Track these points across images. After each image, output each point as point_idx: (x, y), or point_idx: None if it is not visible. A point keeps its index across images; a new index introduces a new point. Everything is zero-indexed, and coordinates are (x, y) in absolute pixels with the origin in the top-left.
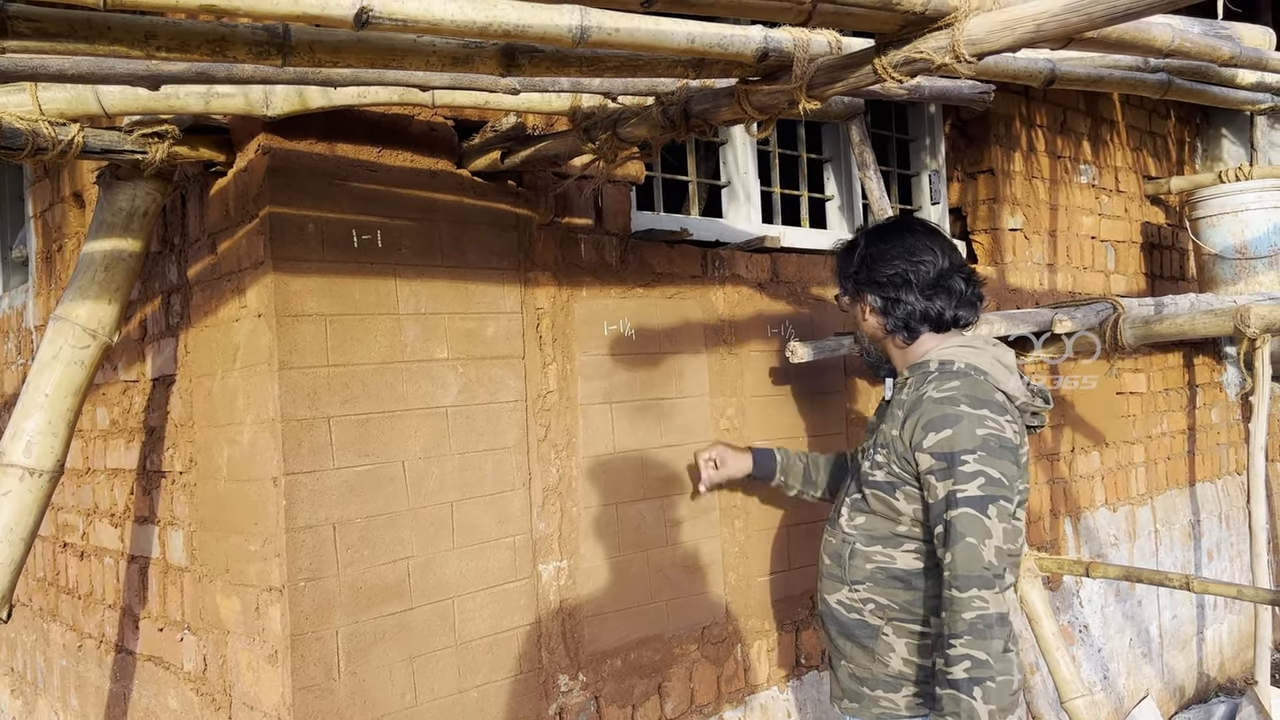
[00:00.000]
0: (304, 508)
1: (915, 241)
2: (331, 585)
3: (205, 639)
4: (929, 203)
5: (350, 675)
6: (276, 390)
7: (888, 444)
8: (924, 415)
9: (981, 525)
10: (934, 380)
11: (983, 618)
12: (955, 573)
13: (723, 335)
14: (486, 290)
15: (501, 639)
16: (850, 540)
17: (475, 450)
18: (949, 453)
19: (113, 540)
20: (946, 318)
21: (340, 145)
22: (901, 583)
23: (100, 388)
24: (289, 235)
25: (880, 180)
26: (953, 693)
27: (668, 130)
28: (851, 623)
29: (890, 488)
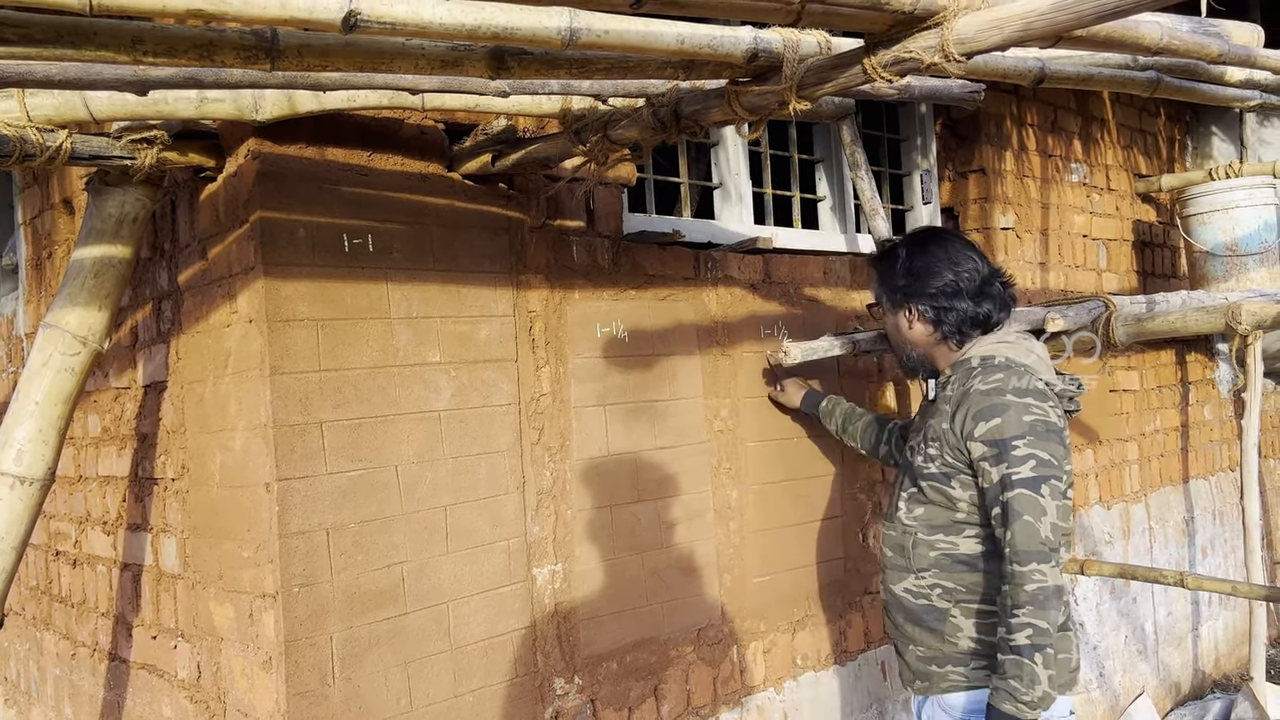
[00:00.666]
0: (297, 513)
1: (957, 250)
2: (325, 591)
3: (199, 646)
4: (921, 202)
5: (345, 681)
6: (268, 396)
7: (939, 437)
8: (973, 406)
9: (1036, 504)
10: (978, 375)
11: (1042, 589)
12: (1015, 549)
13: (716, 336)
14: (479, 293)
15: (496, 643)
16: (911, 531)
17: (468, 454)
18: (1000, 439)
19: (105, 548)
20: (993, 320)
21: (330, 149)
22: (967, 566)
23: (92, 395)
24: (280, 240)
25: (872, 180)
26: (1015, 657)
27: (658, 132)
28: (919, 608)
29: (945, 478)
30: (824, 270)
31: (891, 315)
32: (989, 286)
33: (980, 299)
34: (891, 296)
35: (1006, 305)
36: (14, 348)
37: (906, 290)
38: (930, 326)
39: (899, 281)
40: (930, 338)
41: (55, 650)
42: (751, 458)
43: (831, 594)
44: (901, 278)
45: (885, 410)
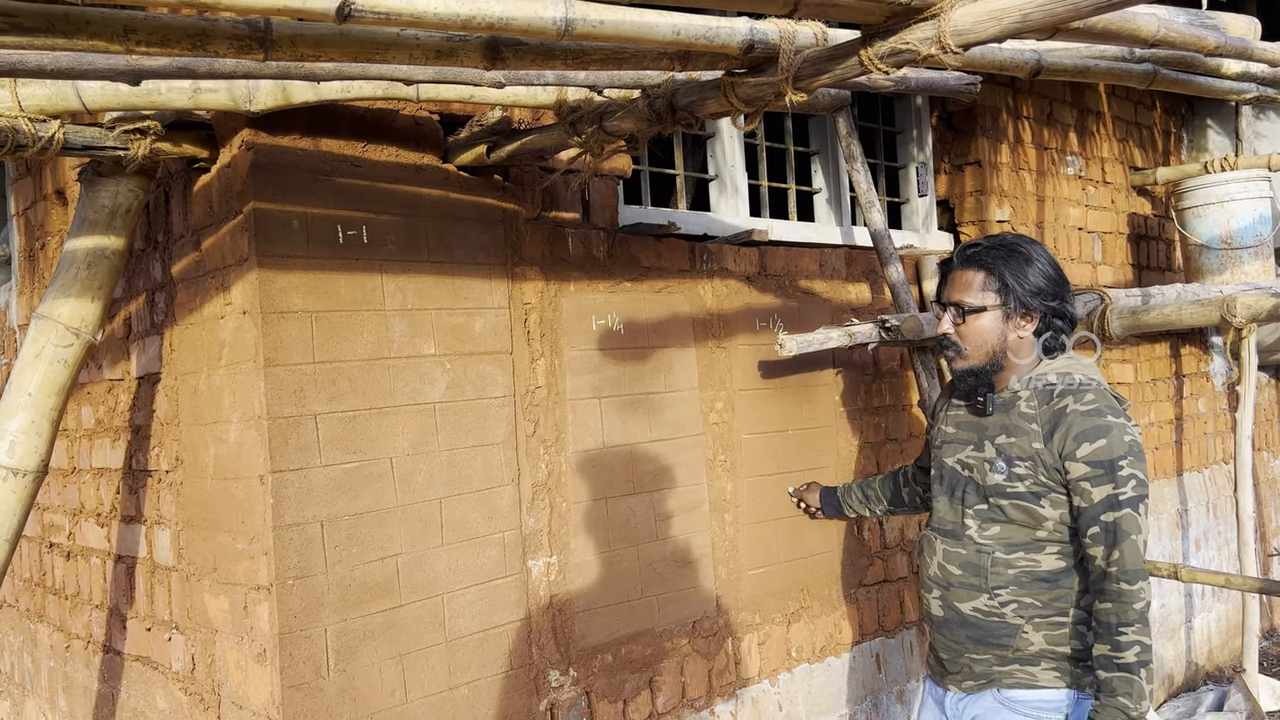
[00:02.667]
0: (291, 505)
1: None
2: (320, 583)
3: (193, 638)
4: (916, 195)
5: (340, 673)
6: (262, 387)
7: (1031, 456)
8: (1074, 427)
9: (1138, 523)
10: (1068, 394)
11: (1146, 606)
12: (1124, 568)
13: (711, 329)
14: (473, 285)
15: (491, 635)
16: (988, 550)
17: (464, 446)
18: (1106, 460)
19: (99, 540)
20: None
21: (325, 140)
22: (1047, 583)
23: (85, 387)
24: (273, 231)
25: (867, 172)
26: (1125, 675)
27: (654, 123)
28: (991, 625)
29: (1035, 497)
30: (819, 263)
31: (1004, 320)
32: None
33: (1070, 304)
34: (1017, 300)
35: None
36: (7, 339)
37: (1038, 293)
38: (1035, 338)
39: (1035, 282)
40: (1032, 347)
41: (49, 642)
42: (747, 450)
43: (826, 587)
44: (1035, 280)
45: (879, 402)
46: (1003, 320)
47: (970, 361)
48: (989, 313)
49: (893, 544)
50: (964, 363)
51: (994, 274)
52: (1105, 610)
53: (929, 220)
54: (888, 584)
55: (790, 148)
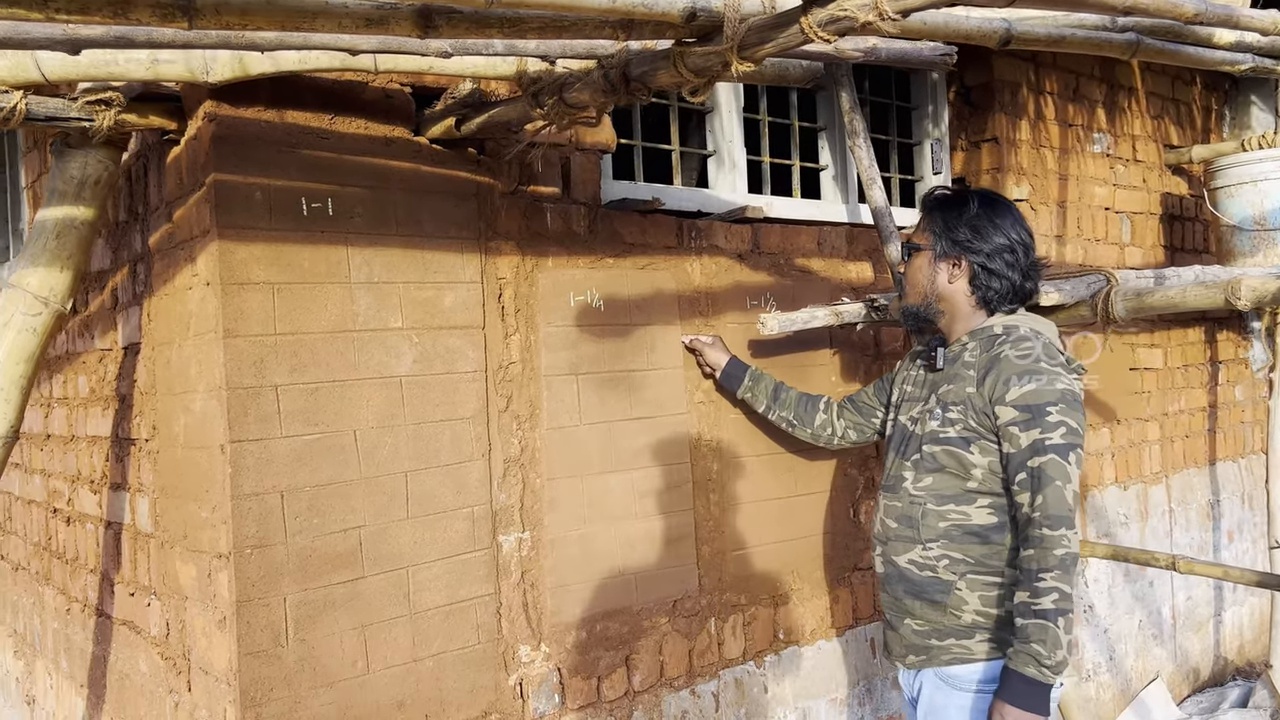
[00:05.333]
0: (250, 475)
1: (1020, 221)
2: (279, 553)
3: (168, 604)
4: (930, 172)
5: (299, 642)
6: (222, 358)
7: (962, 400)
8: (1004, 371)
9: (1065, 470)
10: (1006, 342)
11: (1069, 555)
12: (1046, 513)
13: (699, 307)
14: (444, 259)
15: (458, 609)
16: (919, 501)
17: (431, 420)
18: (1035, 404)
19: (93, 506)
20: (1029, 296)
21: (290, 113)
22: (978, 538)
23: (81, 356)
24: (235, 203)
25: (870, 149)
26: (1039, 622)
27: (609, 94)
28: (924, 580)
29: (965, 442)
30: (818, 241)
31: (931, 263)
32: (1035, 267)
33: (1028, 276)
34: (944, 244)
35: (1039, 288)
36: None
37: (966, 244)
38: (970, 287)
39: (961, 232)
40: (966, 299)
41: (54, 605)
42: (735, 430)
43: (818, 569)
44: (964, 228)
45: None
46: (931, 263)
47: (907, 300)
48: (922, 254)
49: None
50: (902, 301)
51: (932, 216)
52: (1027, 557)
53: None
54: None
55: (794, 123)
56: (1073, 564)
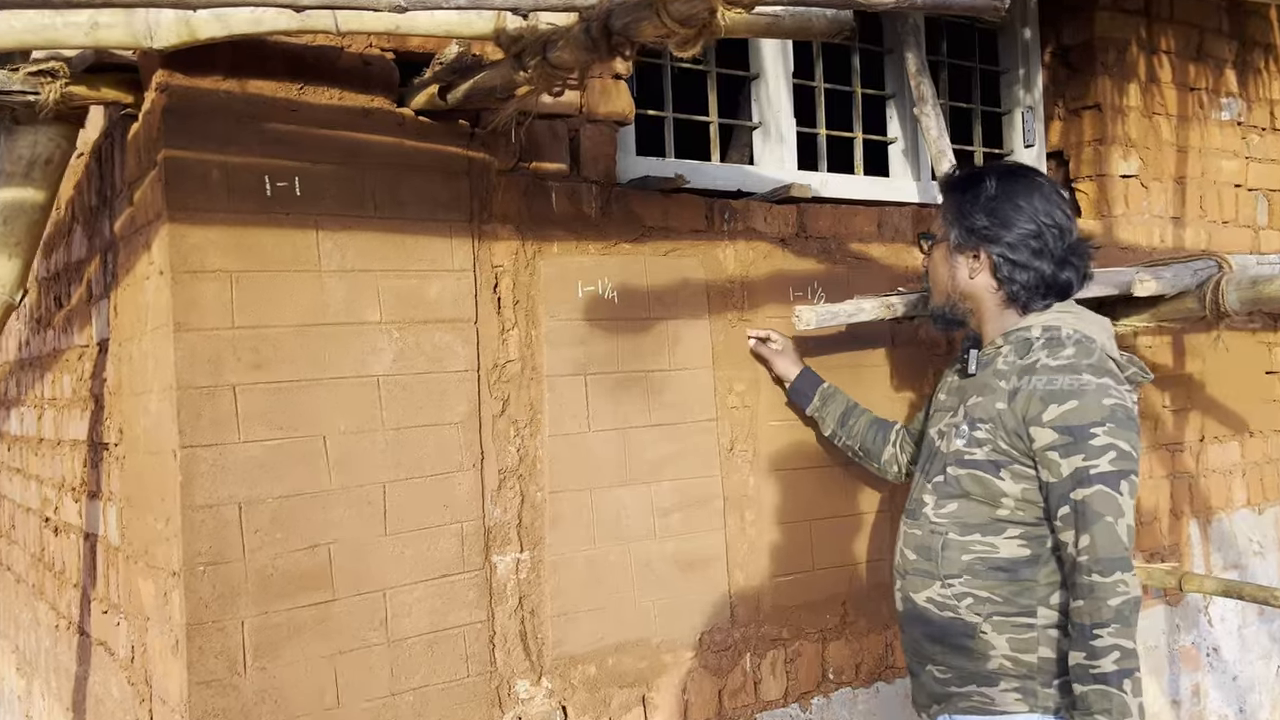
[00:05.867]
0: (203, 484)
1: (1052, 199)
2: (236, 571)
3: (133, 624)
4: (1021, 145)
5: (259, 671)
6: (172, 355)
7: (992, 418)
8: (1040, 386)
9: (1116, 503)
10: (1043, 348)
11: (1128, 603)
12: (1096, 556)
13: (732, 298)
14: (429, 245)
15: (444, 637)
16: (941, 530)
17: (414, 425)
18: (1076, 425)
19: (74, 516)
20: (1071, 292)
21: (254, 82)
22: (1006, 573)
23: (64, 353)
24: (188, 183)
25: (940, 117)
26: (1101, 688)
27: (591, 52)
28: (945, 622)
29: (994, 467)
30: (878, 223)
31: (950, 255)
32: (1075, 252)
33: (1064, 264)
34: (961, 233)
35: (1086, 277)
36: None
37: (984, 232)
38: (996, 282)
39: (977, 219)
40: (991, 295)
41: (47, 621)
42: (774, 438)
43: (875, 600)
44: (982, 215)
45: None
46: (949, 256)
47: (934, 301)
48: (939, 246)
49: None
50: (931, 302)
51: (946, 201)
52: (1078, 609)
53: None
54: None
55: (857, 89)
56: (1133, 612)
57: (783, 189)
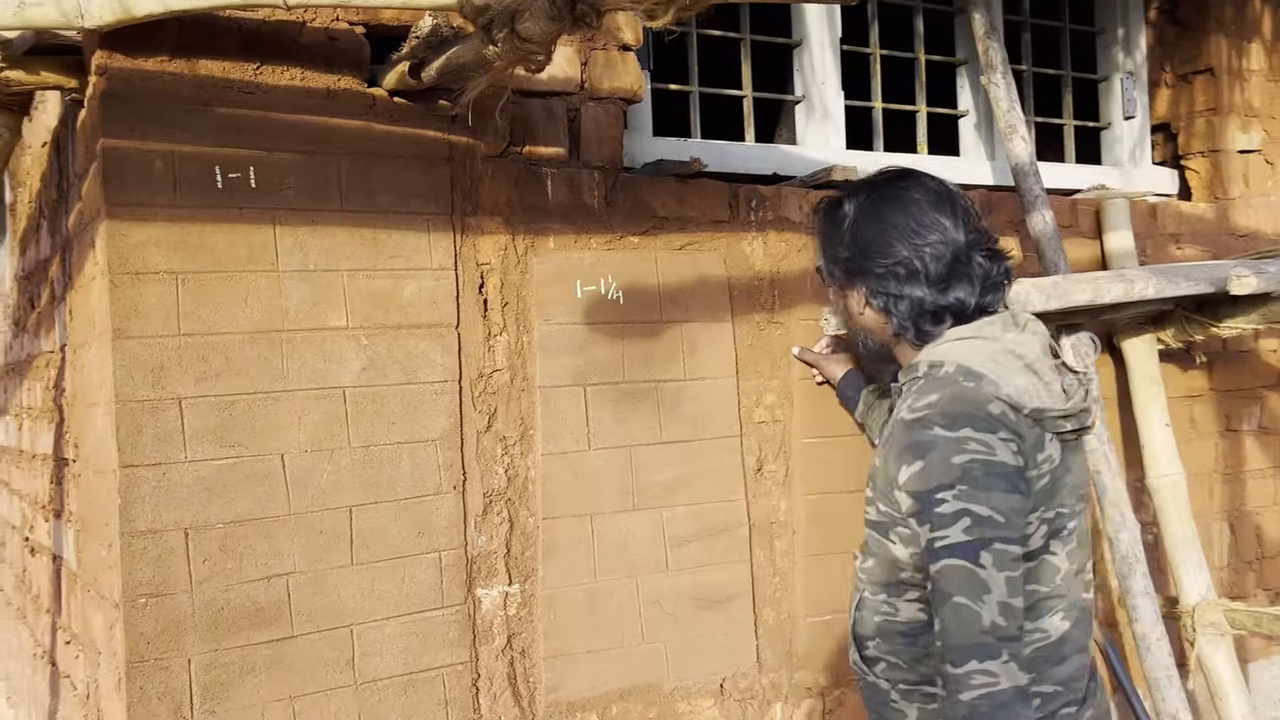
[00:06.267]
0: (145, 508)
1: (921, 211)
2: (182, 603)
3: (88, 658)
4: (1120, 116)
5: (207, 714)
6: (110, 364)
7: (873, 475)
8: (896, 443)
9: (973, 579)
10: (915, 393)
11: (989, 698)
12: (947, 643)
13: (760, 298)
14: (404, 240)
15: (421, 680)
16: (860, 588)
17: (384, 443)
18: (923, 491)
19: (45, 536)
20: (968, 308)
21: (204, 62)
22: (905, 638)
23: (35, 359)
24: (128, 175)
25: (1012, 87)
26: None
27: (556, 20)
28: (867, 687)
29: (883, 528)
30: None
31: (839, 295)
32: (964, 263)
33: (947, 283)
34: (828, 267)
35: (996, 286)
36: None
37: (847, 264)
38: (882, 315)
39: (840, 250)
40: (884, 329)
41: (28, 648)
42: (811, 457)
43: None
44: (843, 245)
45: None
46: (839, 295)
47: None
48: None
49: None
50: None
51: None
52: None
53: (1139, 151)
54: None
55: (920, 56)
56: (998, 709)
57: (823, 171)
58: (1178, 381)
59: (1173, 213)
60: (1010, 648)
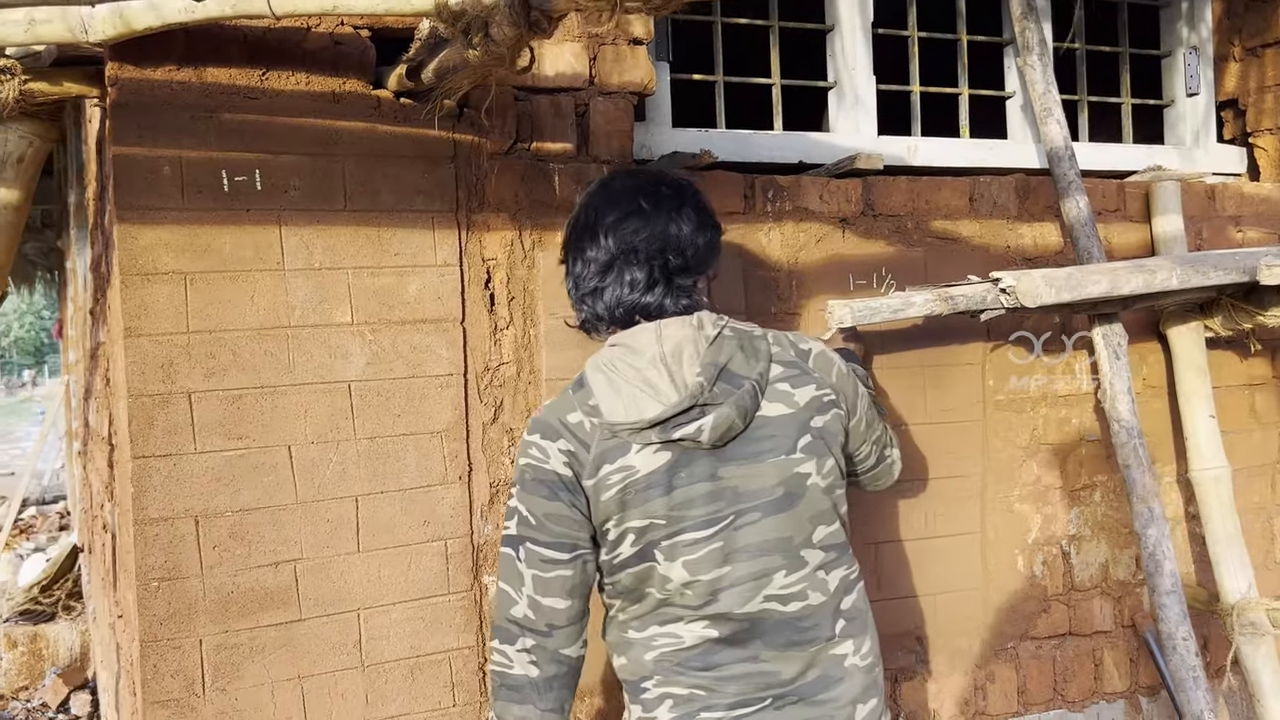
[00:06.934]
0: (157, 496)
1: (601, 200)
2: (193, 587)
3: (127, 636)
4: (1183, 93)
5: (218, 693)
6: (123, 360)
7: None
8: None
9: (514, 569)
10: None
11: (497, 675)
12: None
13: (776, 290)
14: (409, 238)
15: (427, 663)
16: None
17: (390, 435)
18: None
19: (108, 515)
20: (599, 323)
21: (210, 70)
22: None
23: (99, 348)
24: (138, 180)
25: (1047, 66)
26: None
27: (519, 27)
28: None
29: None
30: (969, 195)
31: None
32: (642, 251)
33: (594, 294)
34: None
35: (653, 284)
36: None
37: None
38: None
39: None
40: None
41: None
42: None
43: (963, 636)
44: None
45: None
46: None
47: None
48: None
49: (1087, 584)
50: None
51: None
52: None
53: (1204, 130)
54: (1073, 638)
55: (962, 37)
56: (501, 688)
57: (846, 160)
58: (1237, 370)
59: (1234, 194)
60: (529, 639)
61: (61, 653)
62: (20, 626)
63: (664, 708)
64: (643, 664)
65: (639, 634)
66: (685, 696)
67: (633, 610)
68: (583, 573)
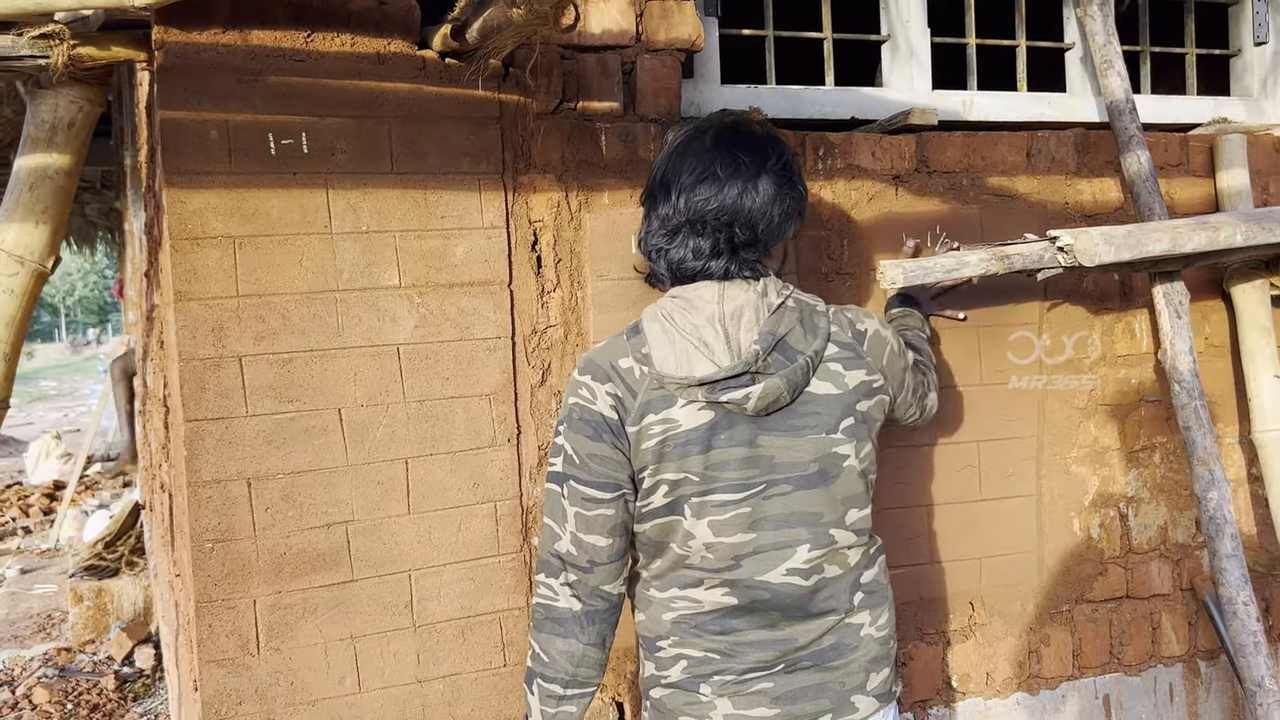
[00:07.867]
0: (209, 459)
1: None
2: (246, 548)
3: (184, 597)
4: (1251, 42)
5: (272, 651)
6: (174, 325)
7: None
8: None
9: (558, 505)
10: None
11: (539, 608)
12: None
13: (828, 249)
14: (455, 200)
15: (478, 624)
16: None
17: (439, 397)
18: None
19: (166, 475)
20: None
21: (255, 33)
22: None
23: (154, 310)
24: (186, 145)
25: (1109, 20)
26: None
27: None
28: None
29: None
30: (1027, 151)
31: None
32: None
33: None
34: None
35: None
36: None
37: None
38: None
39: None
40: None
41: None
42: None
43: (1016, 599)
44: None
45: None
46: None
47: None
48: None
49: (1145, 546)
50: None
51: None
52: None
53: (1272, 80)
54: (1130, 600)
55: None
56: (546, 619)
57: (900, 115)
58: None
59: None
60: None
61: (125, 607)
62: (86, 581)
63: (678, 668)
64: (661, 623)
65: (660, 594)
66: (700, 659)
67: (655, 567)
68: (624, 512)
